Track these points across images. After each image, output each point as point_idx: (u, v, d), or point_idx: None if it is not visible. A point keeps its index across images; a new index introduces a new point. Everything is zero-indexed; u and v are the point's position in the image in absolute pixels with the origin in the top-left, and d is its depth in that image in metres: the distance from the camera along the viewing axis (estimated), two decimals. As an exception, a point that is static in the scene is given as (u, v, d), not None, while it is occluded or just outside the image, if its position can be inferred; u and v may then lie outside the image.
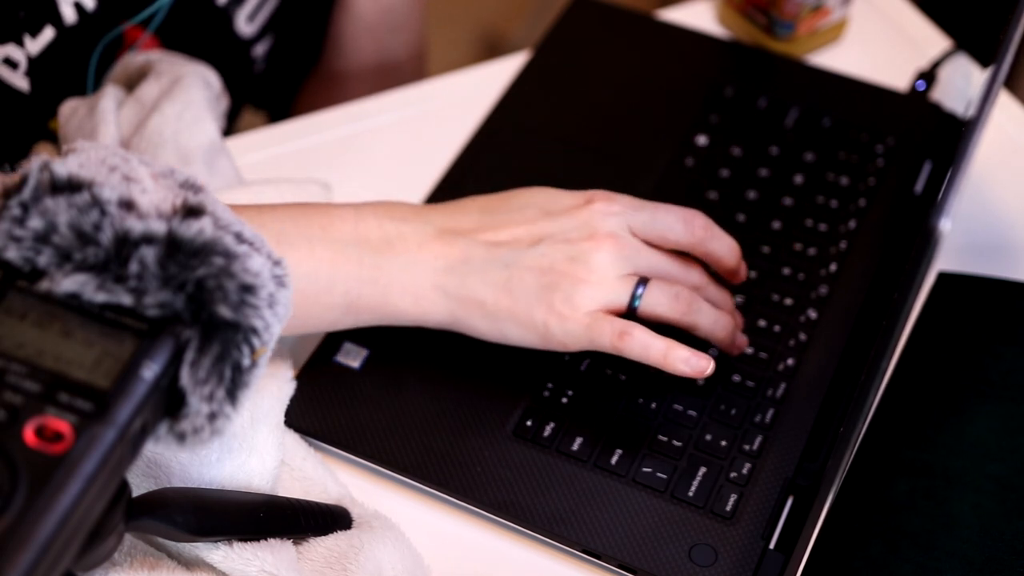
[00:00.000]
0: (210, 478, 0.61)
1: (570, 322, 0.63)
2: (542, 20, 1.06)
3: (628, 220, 0.66)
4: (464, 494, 0.65)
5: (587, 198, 0.66)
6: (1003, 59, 0.61)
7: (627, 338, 0.63)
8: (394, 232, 0.65)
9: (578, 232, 0.65)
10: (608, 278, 0.64)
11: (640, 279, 0.64)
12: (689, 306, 0.65)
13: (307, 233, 0.62)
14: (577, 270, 0.64)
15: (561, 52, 0.90)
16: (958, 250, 0.77)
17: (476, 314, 0.64)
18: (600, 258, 0.64)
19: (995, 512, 0.62)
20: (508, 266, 0.64)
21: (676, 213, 0.67)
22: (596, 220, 0.65)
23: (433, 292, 0.64)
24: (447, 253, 0.65)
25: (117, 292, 0.46)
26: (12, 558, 0.40)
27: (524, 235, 0.65)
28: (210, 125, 0.75)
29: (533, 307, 0.63)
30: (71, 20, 0.77)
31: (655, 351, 0.63)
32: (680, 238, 0.66)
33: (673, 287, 0.65)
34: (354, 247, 0.63)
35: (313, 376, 0.69)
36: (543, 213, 0.66)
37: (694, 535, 0.63)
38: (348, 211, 0.64)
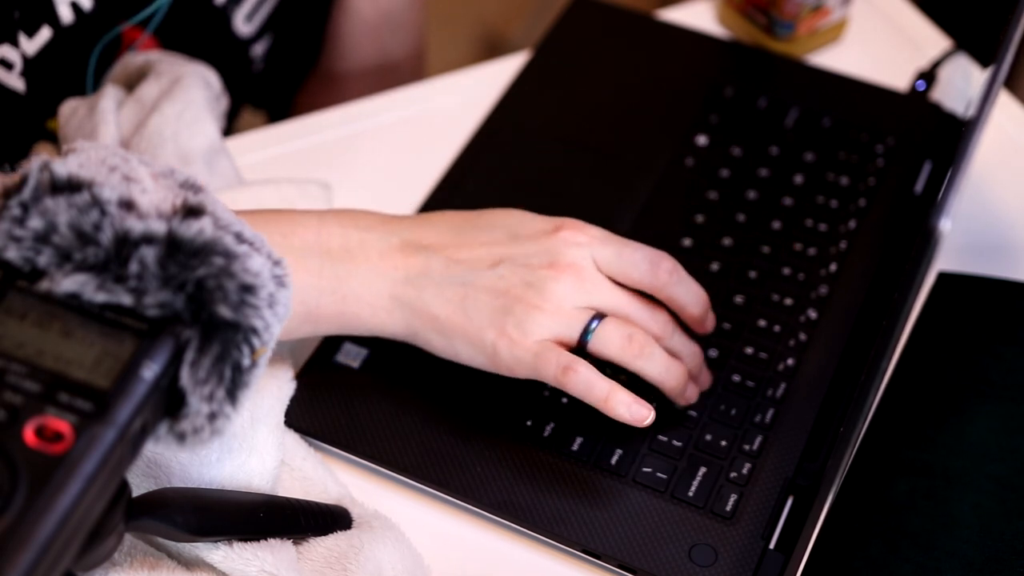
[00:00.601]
0: (210, 478, 0.61)
1: (518, 348, 0.62)
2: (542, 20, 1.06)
3: (593, 253, 0.64)
4: (464, 494, 0.65)
5: (556, 225, 0.65)
6: (1003, 59, 0.61)
7: (571, 373, 0.62)
8: (356, 241, 0.64)
9: (539, 259, 0.64)
10: (563, 308, 0.63)
11: (596, 314, 0.63)
12: (641, 350, 0.63)
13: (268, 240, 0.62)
14: (532, 296, 0.63)
15: (561, 52, 0.90)
16: (958, 250, 0.77)
17: (430, 328, 0.64)
18: (557, 287, 0.63)
19: (995, 512, 0.62)
20: (465, 284, 0.64)
21: (643, 252, 0.65)
22: (560, 248, 0.64)
23: (390, 303, 0.64)
24: (407, 264, 0.64)
25: (117, 292, 0.46)
26: (12, 558, 0.40)
27: (486, 255, 0.64)
28: (210, 125, 0.75)
29: (484, 328, 0.63)
30: (68, 20, 0.77)
31: (597, 392, 0.62)
32: (643, 278, 0.65)
33: (628, 327, 0.63)
34: (314, 256, 0.63)
35: (313, 376, 0.69)
36: (510, 236, 0.65)
37: (694, 535, 0.63)
38: (311, 218, 0.64)
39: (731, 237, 0.77)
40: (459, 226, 0.66)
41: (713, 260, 0.76)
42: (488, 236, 0.65)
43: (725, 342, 0.71)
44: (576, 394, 0.62)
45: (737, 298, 0.74)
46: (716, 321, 0.71)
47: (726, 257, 0.76)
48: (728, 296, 0.74)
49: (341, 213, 0.65)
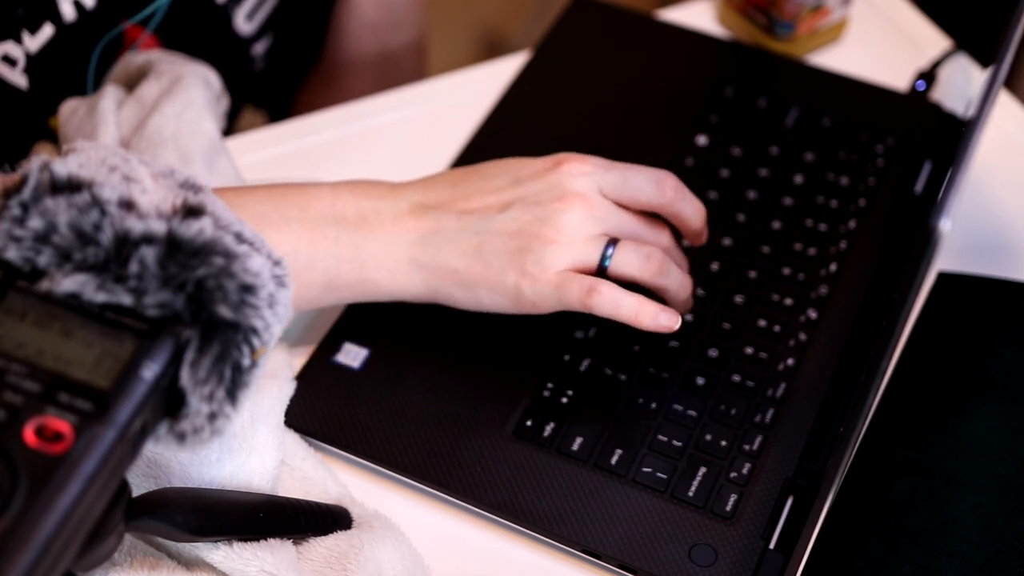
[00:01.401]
0: (210, 478, 0.61)
1: (540, 283, 0.63)
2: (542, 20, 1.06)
3: (598, 180, 0.66)
4: (464, 494, 0.65)
5: (556, 161, 0.67)
6: (1003, 59, 0.61)
7: (595, 295, 0.63)
8: (370, 209, 0.65)
9: (548, 194, 0.65)
10: (578, 238, 0.64)
11: (610, 239, 0.65)
12: (660, 267, 0.65)
13: (286, 214, 0.64)
14: (547, 231, 0.64)
15: (561, 52, 0.90)
16: (958, 250, 0.77)
17: (451, 283, 0.65)
18: (569, 218, 0.64)
19: (995, 512, 0.62)
20: (479, 233, 0.65)
21: (647, 173, 0.67)
22: (566, 181, 0.65)
23: (408, 266, 0.65)
24: (420, 226, 0.65)
25: (117, 292, 0.46)
26: (12, 558, 0.40)
27: (494, 202, 0.66)
28: (210, 125, 0.75)
29: (505, 271, 0.64)
30: (70, 18, 0.77)
31: (625, 308, 0.63)
32: (651, 199, 0.66)
33: (644, 247, 0.65)
34: (332, 225, 0.64)
35: (313, 376, 0.69)
36: (513, 179, 0.66)
37: (694, 535, 0.63)
38: (325, 190, 0.65)
39: (731, 237, 0.77)
40: (462, 180, 0.67)
41: (713, 260, 0.76)
42: (492, 184, 0.67)
43: (725, 342, 0.71)
44: (603, 314, 0.63)
45: (737, 298, 0.74)
46: (716, 318, 0.72)
47: (726, 257, 0.76)
48: (728, 296, 0.74)
49: (352, 184, 0.67)
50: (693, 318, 0.72)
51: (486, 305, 0.66)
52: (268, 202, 0.64)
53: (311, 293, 0.65)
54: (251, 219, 0.60)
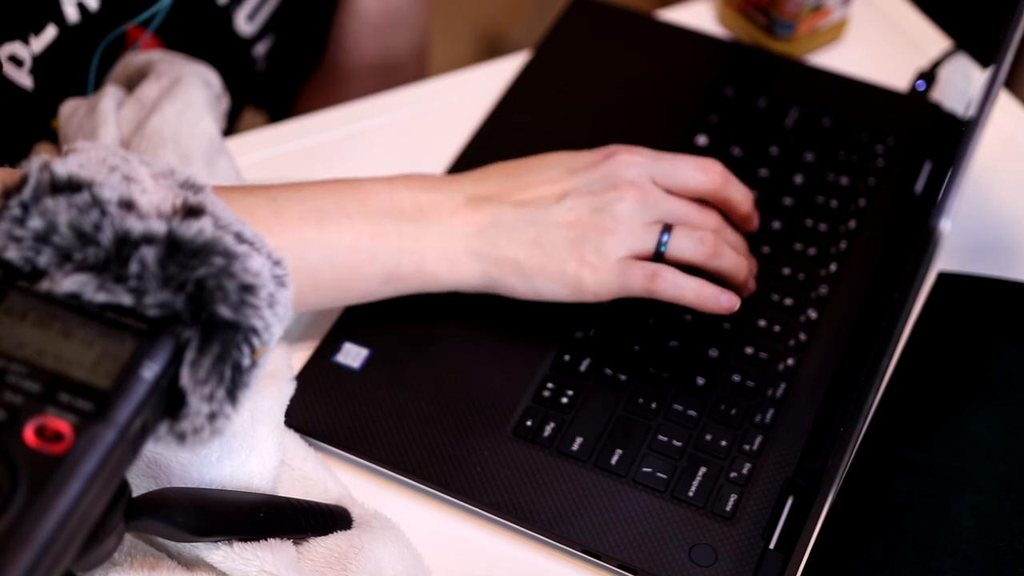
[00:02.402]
0: (210, 478, 0.61)
1: (601, 272, 0.65)
2: (542, 20, 1.06)
3: (650, 169, 0.68)
4: (464, 494, 0.65)
5: (607, 153, 0.69)
6: (1003, 59, 0.61)
7: (659, 280, 0.65)
8: (427, 202, 0.67)
9: (601, 184, 0.67)
10: (634, 226, 0.66)
11: (665, 226, 0.67)
12: (714, 249, 0.67)
13: (345, 208, 0.65)
14: (604, 221, 0.66)
15: (561, 52, 0.90)
16: (958, 250, 0.77)
17: (510, 273, 0.66)
18: (625, 207, 0.66)
19: (995, 512, 0.62)
20: (536, 224, 0.66)
21: (694, 161, 0.69)
22: (618, 171, 0.67)
23: (467, 257, 0.66)
24: (477, 218, 0.67)
25: (117, 292, 0.46)
26: (12, 558, 0.40)
27: (549, 193, 0.67)
28: (210, 125, 0.75)
29: (565, 261, 0.66)
30: (74, 19, 0.77)
31: (688, 291, 0.66)
32: (700, 185, 0.69)
33: (697, 232, 0.67)
34: (391, 218, 0.66)
35: (313, 376, 0.69)
36: (566, 170, 0.68)
37: (694, 535, 0.63)
38: (382, 184, 0.67)
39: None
40: (515, 172, 0.69)
41: (713, 260, 0.76)
42: (545, 175, 0.68)
43: (725, 342, 0.71)
44: (666, 297, 0.66)
45: (737, 298, 0.74)
46: (716, 318, 0.72)
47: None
48: (728, 296, 0.74)
49: (407, 177, 0.68)
50: (693, 318, 0.72)
51: (545, 294, 0.67)
52: (327, 196, 0.65)
53: (371, 286, 0.66)
54: (310, 214, 0.63)
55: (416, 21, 1.00)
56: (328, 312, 0.73)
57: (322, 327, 0.72)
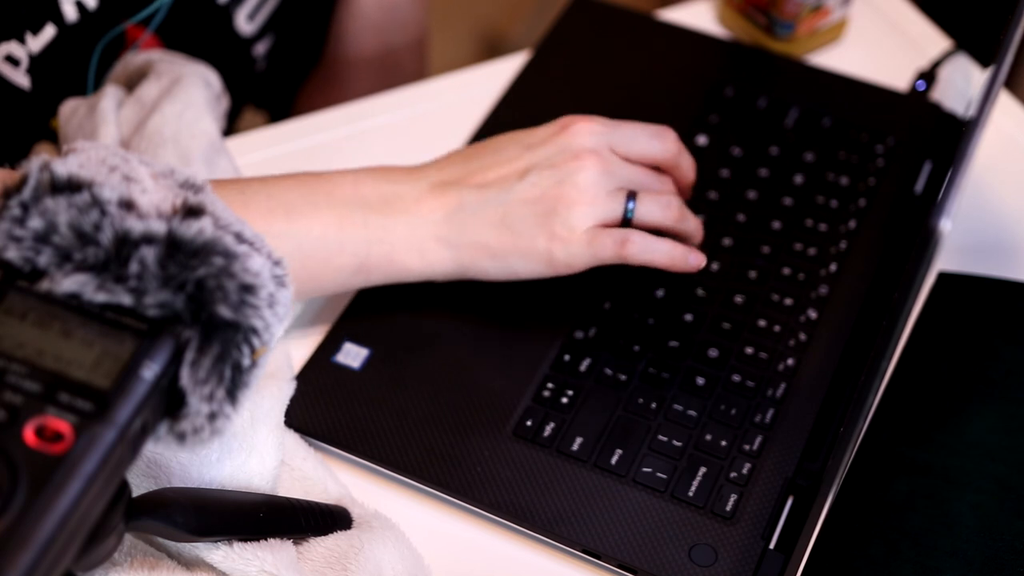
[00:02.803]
0: (210, 478, 0.61)
1: (571, 243, 0.66)
2: (542, 20, 1.06)
3: (607, 138, 0.68)
4: (464, 494, 0.65)
5: (562, 124, 0.69)
6: (1003, 59, 0.61)
7: (630, 244, 0.66)
8: (391, 192, 0.67)
9: (561, 156, 0.67)
10: (598, 195, 0.66)
11: (628, 192, 0.67)
12: (679, 212, 0.68)
13: (312, 200, 0.65)
14: (568, 192, 0.66)
15: (561, 52, 0.90)
16: (958, 250, 0.77)
17: (481, 256, 0.67)
18: (586, 176, 0.66)
19: (995, 512, 0.62)
20: (501, 203, 0.66)
21: (651, 129, 0.70)
22: (577, 141, 0.67)
23: (436, 244, 0.67)
24: (443, 204, 0.67)
25: (117, 292, 0.46)
26: (12, 558, 0.40)
27: (510, 171, 0.68)
28: (210, 125, 0.75)
29: (534, 237, 0.66)
30: (72, 18, 0.77)
31: (659, 252, 0.67)
32: (657, 153, 0.70)
33: (662, 196, 0.68)
34: (358, 209, 0.66)
35: (313, 376, 0.69)
36: (523, 147, 0.68)
37: (694, 535, 0.63)
38: (346, 176, 0.67)
39: (731, 237, 0.77)
40: (474, 155, 0.69)
41: (713, 260, 0.76)
42: (504, 154, 0.69)
43: (725, 342, 0.71)
44: (638, 261, 0.67)
45: (737, 298, 0.74)
46: (716, 318, 0.72)
47: (726, 257, 0.76)
48: (728, 296, 0.74)
49: (370, 169, 0.68)
50: (693, 318, 0.72)
51: (519, 272, 0.67)
52: (295, 189, 0.66)
53: (341, 276, 0.67)
54: (279, 207, 0.64)
55: (415, 19, 1.00)
56: (328, 312, 0.73)
57: (322, 327, 0.72)
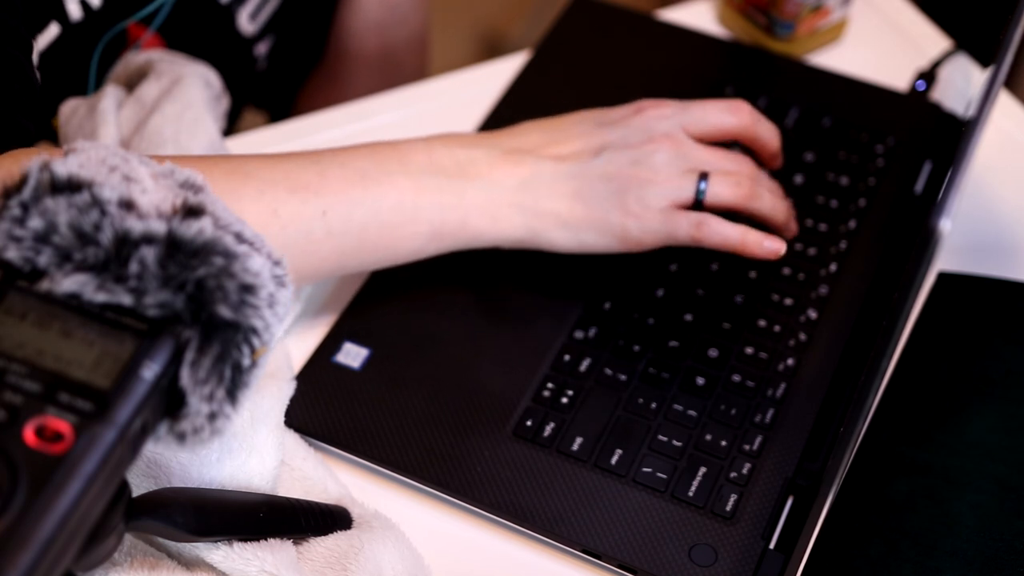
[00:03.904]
0: (210, 478, 0.61)
1: (646, 221, 0.67)
2: (542, 20, 1.06)
3: (680, 120, 0.70)
4: (464, 494, 0.65)
5: (637, 108, 0.71)
6: (1003, 59, 0.61)
7: (704, 228, 0.67)
8: (465, 158, 0.68)
9: (636, 137, 0.69)
10: (672, 176, 0.68)
11: (701, 173, 0.68)
12: (751, 191, 0.69)
13: (387, 167, 0.66)
14: (642, 172, 0.68)
15: (561, 52, 0.90)
16: (958, 250, 0.77)
17: (554, 226, 0.68)
18: (661, 158, 0.68)
19: (995, 512, 0.62)
20: (576, 177, 0.68)
21: (723, 104, 0.71)
22: (651, 124, 0.69)
23: (509, 210, 0.68)
24: (517, 172, 0.68)
25: (117, 292, 0.46)
26: (12, 558, 0.40)
27: (585, 147, 0.69)
28: (210, 125, 0.75)
29: (608, 212, 0.67)
30: (76, 17, 0.77)
31: (733, 237, 0.68)
32: (732, 126, 0.71)
33: (733, 175, 0.69)
34: (431, 176, 0.67)
35: (313, 376, 0.69)
36: (598, 125, 0.70)
37: (694, 535, 0.63)
38: (418, 144, 0.68)
39: (731, 237, 0.77)
40: (549, 128, 0.71)
41: (713, 260, 0.76)
42: (579, 130, 0.70)
43: (725, 342, 0.71)
44: (711, 244, 0.68)
45: (737, 298, 0.74)
46: (716, 318, 0.72)
47: (726, 257, 0.76)
48: (728, 296, 0.74)
49: (442, 136, 0.70)
50: (693, 318, 0.72)
51: (589, 245, 0.68)
52: (368, 158, 0.66)
53: (416, 243, 0.67)
54: (355, 174, 0.64)
55: (416, 18, 1.00)
56: (328, 312, 0.73)
57: (322, 327, 0.72)
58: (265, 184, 0.63)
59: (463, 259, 0.75)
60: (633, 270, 0.75)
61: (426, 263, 0.74)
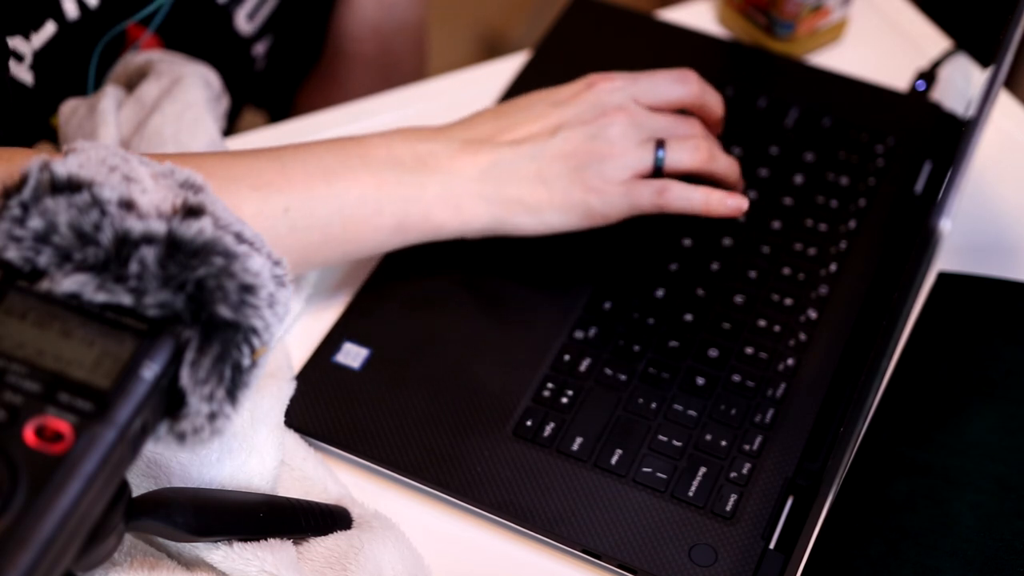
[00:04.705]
0: (210, 478, 0.61)
1: (608, 194, 0.68)
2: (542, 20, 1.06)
3: (631, 91, 0.71)
4: (464, 494, 0.65)
5: (586, 83, 0.71)
6: (1003, 59, 0.61)
7: (667, 193, 0.68)
8: (424, 151, 0.68)
9: (590, 113, 0.70)
10: (629, 147, 0.69)
11: (657, 141, 0.69)
12: (709, 154, 0.70)
13: (348, 163, 0.67)
14: (600, 146, 0.68)
15: (561, 52, 0.90)
16: (958, 250, 0.77)
17: (518, 211, 0.69)
18: (617, 130, 0.69)
19: (995, 512, 0.62)
20: (535, 159, 0.68)
21: (672, 75, 0.72)
22: (603, 98, 0.70)
23: (472, 200, 0.68)
24: (477, 161, 0.69)
25: (117, 292, 0.46)
26: (12, 558, 0.40)
27: (541, 128, 0.70)
28: (210, 125, 0.75)
29: (570, 190, 0.68)
30: (73, 16, 0.77)
31: (696, 200, 0.69)
32: (681, 96, 0.72)
33: (689, 140, 0.70)
34: (393, 170, 0.67)
35: (313, 376, 0.69)
36: (551, 105, 0.71)
37: (694, 535, 0.63)
38: (378, 139, 0.69)
39: (731, 237, 0.77)
40: (502, 114, 0.71)
41: (713, 260, 0.76)
42: (532, 112, 0.71)
43: (725, 342, 0.71)
44: (676, 209, 0.69)
45: (737, 298, 0.74)
46: (716, 318, 0.72)
47: (726, 257, 0.76)
48: (728, 296, 0.74)
49: (401, 130, 0.70)
50: (693, 318, 0.72)
51: (555, 226, 0.69)
52: (330, 154, 0.67)
53: (380, 237, 0.68)
54: (317, 171, 0.65)
55: (415, 18, 1.00)
56: (328, 312, 0.73)
57: (322, 327, 0.72)
58: (227, 181, 0.63)
59: (463, 259, 0.75)
60: (633, 270, 0.75)
61: (426, 263, 0.74)
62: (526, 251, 0.75)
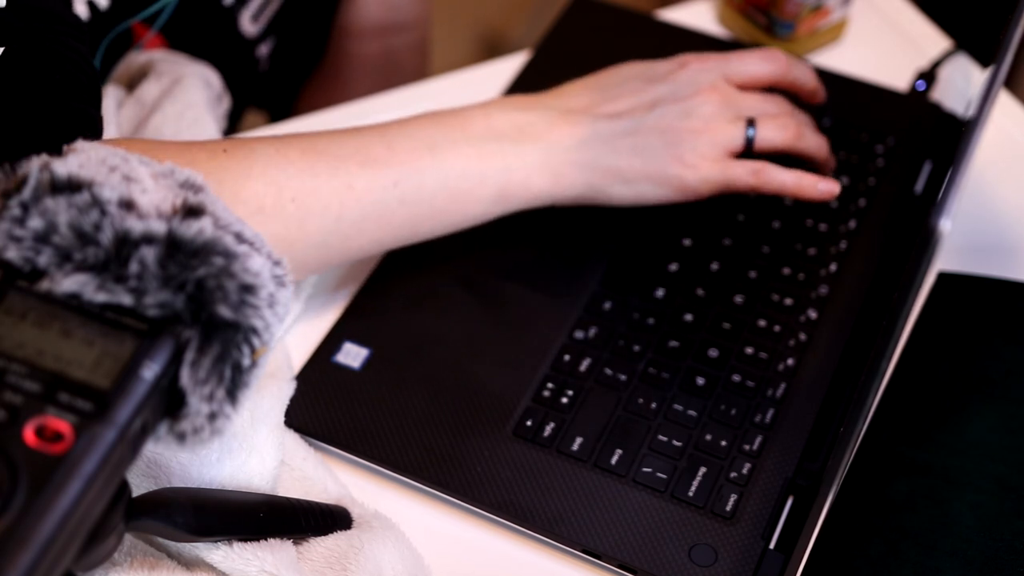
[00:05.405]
0: (210, 478, 0.61)
1: (702, 170, 0.70)
2: (542, 20, 1.06)
3: (722, 71, 0.73)
4: (464, 494, 0.65)
5: (680, 62, 0.74)
6: (1003, 59, 0.61)
7: (762, 175, 0.71)
8: (523, 121, 0.70)
9: (685, 90, 0.72)
10: (722, 125, 0.71)
11: (748, 120, 0.72)
12: (797, 131, 0.73)
13: (451, 136, 0.68)
14: (694, 123, 0.71)
15: (561, 52, 0.90)
16: (958, 250, 0.77)
17: (613, 181, 0.71)
18: (710, 109, 0.71)
19: (995, 512, 0.62)
20: (632, 133, 0.71)
21: (758, 54, 0.75)
22: (697, 77, 0.73)
23: (570, 168, 0.70)
24: (575, 131, 0.71)
25: (117, 292, 0.46)
26: (12, 558, 0.40)
27: (638, 103, 0.72)
28: (210, 125, 0.75)
29: (665, 164, 0.70)
30: (83, 17, 0.77)
31: (789, 182, 0.72)
32: (770, 73, 0.75)
33: (778, 119, 0.73)
34: (493, 141, 0.69)
35: (313, 376, 0.69)
36: (646, 81, 0.73)
37: (694, 535, 0.63)
38: (476, 110, 0.71)
39: (731, 237, 0.77)
40: (599, 86, 0.74)
41: (713, 260, 0.76)
42: (630, 87, 0.73)
43: (725, 342, 0.71)
44: (769, 190, 0.72)
45: (737, 298, 0.74)
46: (716, 318, 0.72)
47: (726, 257, 0.76)
48: (728, 296, 0.74)
49: (499, 101, 0.72)
50: (693, 318, 0.72)
51: (647, 197, 0.71)
52: (432, 127, 0.69)
53: (481, 207, 0.70)
54: (422, 145, 0.68)
55: (417, 19, 1.01)
56: (328, 312, 0.73)
57: (322, 327, 0.72)
58: (338, 160, 0.66)
59: (463, 259, 0.75)
60: (633, 270, 0.75)
61: (426, 263, 0.74)
62: (526, 251, 0.75)
